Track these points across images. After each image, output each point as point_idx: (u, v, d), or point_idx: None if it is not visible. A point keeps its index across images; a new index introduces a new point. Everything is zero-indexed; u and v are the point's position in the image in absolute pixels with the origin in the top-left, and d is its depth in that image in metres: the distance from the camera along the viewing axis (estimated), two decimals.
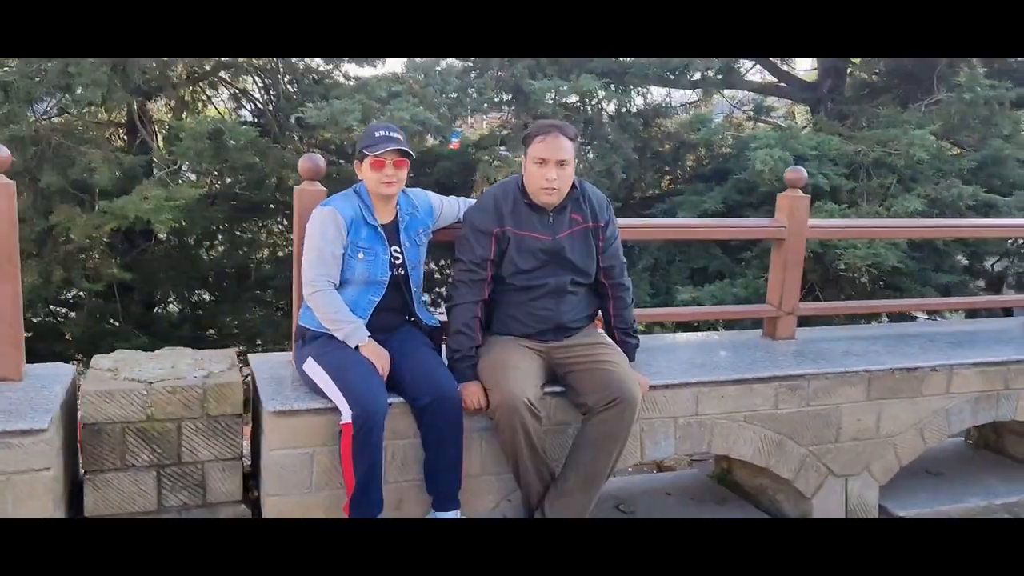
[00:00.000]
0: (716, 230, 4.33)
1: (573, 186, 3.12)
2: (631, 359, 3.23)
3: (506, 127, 8.57)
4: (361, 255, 2.97)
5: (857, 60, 10.36)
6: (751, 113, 10.37)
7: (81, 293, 8.50)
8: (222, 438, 2.91)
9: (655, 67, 8.24)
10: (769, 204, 8.09)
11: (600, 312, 3.30)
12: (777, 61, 11.10)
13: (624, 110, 8.57)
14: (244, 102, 9.83)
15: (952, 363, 3.89)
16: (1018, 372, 4.00)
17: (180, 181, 7.56)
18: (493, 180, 8.11)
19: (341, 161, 9.42)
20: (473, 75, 8.12)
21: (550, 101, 7.77)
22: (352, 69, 9.10)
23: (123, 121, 8.74)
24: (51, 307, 8.15)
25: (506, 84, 8.05)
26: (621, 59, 8.54)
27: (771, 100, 11.02)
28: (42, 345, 8.04)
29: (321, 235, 2.94)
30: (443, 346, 3.16)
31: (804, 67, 11.74)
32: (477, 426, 3.07)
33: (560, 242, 3.08)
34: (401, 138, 3.01)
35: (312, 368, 2.90)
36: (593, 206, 3.16)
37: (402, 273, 3.07)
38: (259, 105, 9.53)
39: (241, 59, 9.00)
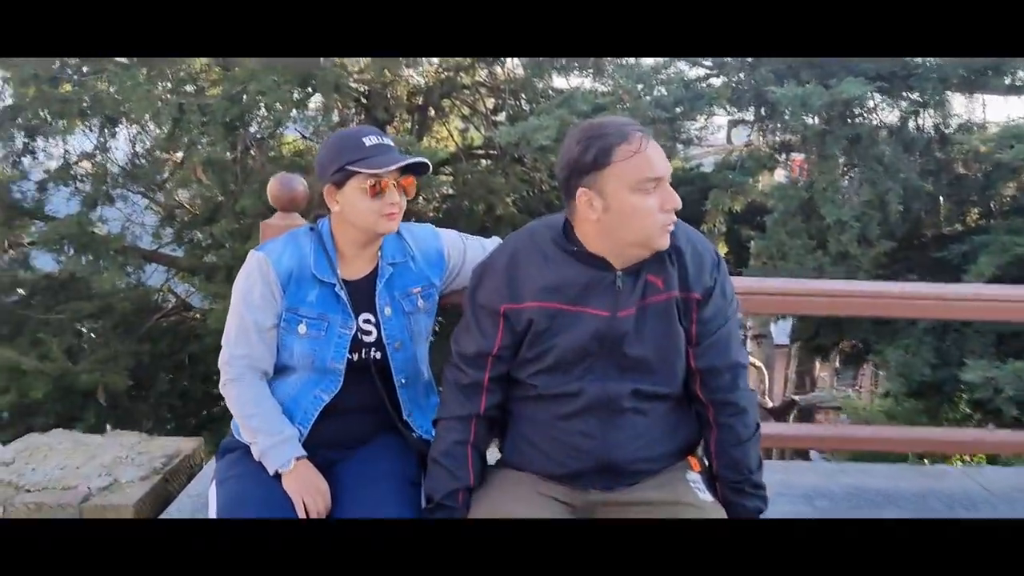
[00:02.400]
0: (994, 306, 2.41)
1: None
2: None
3: (752, 148, 7.08)
4: (303, 328, 1.96)
5: None
6: None
7: None
8: None
9: (954, 66, 6.27)
10: None
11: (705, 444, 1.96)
12: None
13: (910, 123, 6.67)
14: (476, 122, 9.34)
15: None
16: None
17: None
18: (727, 211, 6.69)
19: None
20: (708, 84, 6.75)
21: (804, 115, 6.16)
22: (584, 81, 8.18)
23: None
24: None
25: (748, 92, 6.59)
26: (906, 60, 6.65)
27: None
28: None
29: (243, 296, 1.98)
30: None
31: None
32: None
33: (620, 324, 1.82)
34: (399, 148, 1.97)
35: (211, 499, 1.94)
36: (685, 264, 1.85)
37: (376, 356, 2.00)
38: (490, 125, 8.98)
39: (468, 78, 8.51)
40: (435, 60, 7.96)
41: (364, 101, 8.37)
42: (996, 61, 6.26)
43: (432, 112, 9.06)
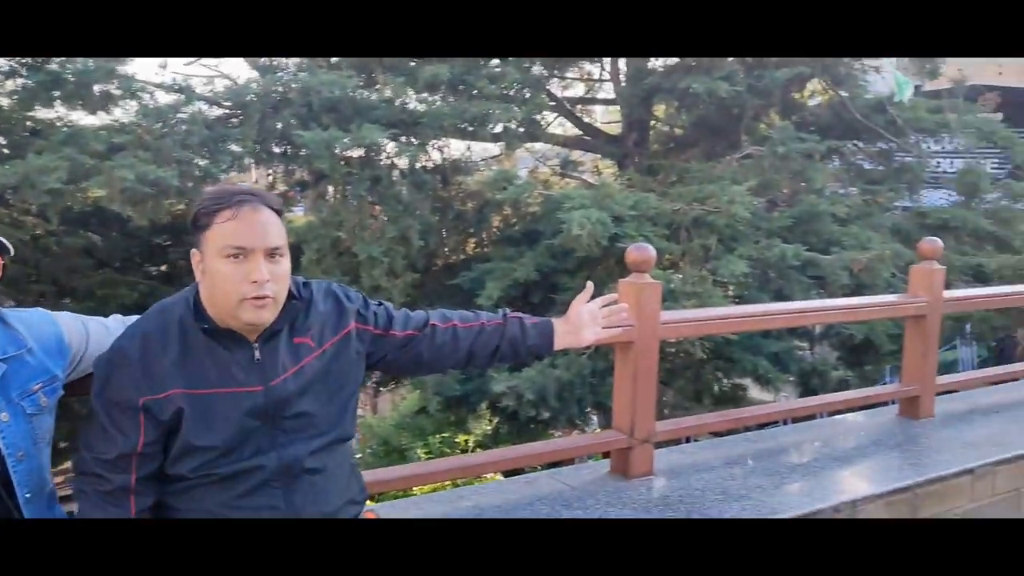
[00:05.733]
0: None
1: (291, 294, 1.85)
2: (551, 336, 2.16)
3: (276, 187, 7.16)
4: None
5: (661, 114, 9.89)
6: (557, 168, 9.57)
7: None
8: None
9: (451, 117, 7.15)
10: (588, 270, 7.23)
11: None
12: (580, 113, 10.49)
13: (419, 166, 7.40)
14: None
15: (855, 497, 2.93)
16: (926, 497, 3.12)
17: None
18: None
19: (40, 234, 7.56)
20: (230, 124, 6.65)
21: (328, 155, 6.43)
22: (80, 117, 7.31)
23: None
24: None
25: (273, 135, 6.65)
26: (411, 108, 7.39)
27: (576, 154, 10.33)
28: None
29: None
30: None
31: (607, 120, 11.23)
32: None
33: (278, 392, 1.78)
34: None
35: None
36: (327, 310, 1.90)
37: None
38: None
39: None
40: None
41: None
42: (483, 111, 7.26)
43: None
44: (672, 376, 7.09)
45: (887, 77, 9.88)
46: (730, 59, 7.71)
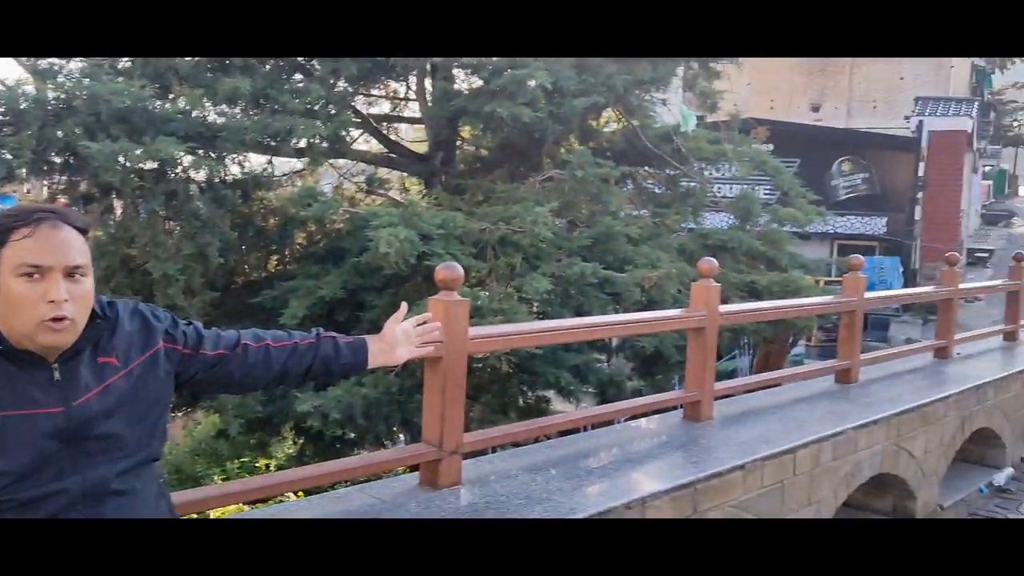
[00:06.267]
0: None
1: (95, 313, 1.77)
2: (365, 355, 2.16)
3: (56, 200, 6.63)
4: None
5: (467, 134, 10.12)
6: (363, 185, 9.53)
7: None
8: None
9: (252, 131, 6.95)
10: (395, 288, 7.26)
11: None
12: (387, 130, 10.51)
13: (218, 180, 7.12)
14: None
15: (644, 495, 3.17)
16: (705, 492, 3.42)
17: None
18: None
19: None
20: (3, 131, 6.10)
21: (118, 167, 6.06)
22: None
23: None
24: None
25: (54, 144, 6.17)
26: (210, 121, 7.11)
27: (383, 172, 10.33)
28: None
29: None
30: None
31: (414, 138, 11.33)
32: None
33: (80, 413, 1.70)
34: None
35: None
36: (132, 331, 1.83)
37: None
38: None
39: None
40: None
41: None
42: (286, 127, 7.10)
43: None
44: (479, 391, 7.25)
45: (673, 109, 10.71)
46: (532, 85, 8.03)
